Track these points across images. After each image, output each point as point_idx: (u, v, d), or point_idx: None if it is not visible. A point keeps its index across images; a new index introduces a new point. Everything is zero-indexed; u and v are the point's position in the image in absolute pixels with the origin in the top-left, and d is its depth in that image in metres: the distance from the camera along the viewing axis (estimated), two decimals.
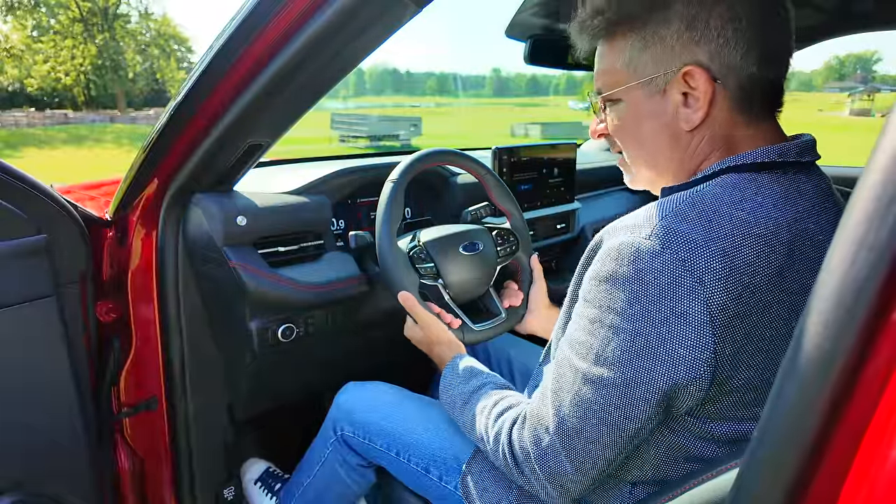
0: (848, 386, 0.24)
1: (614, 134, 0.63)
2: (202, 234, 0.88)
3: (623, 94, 0.58)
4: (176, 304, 0.95)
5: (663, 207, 0.50)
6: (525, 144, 1.36)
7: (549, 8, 1.05)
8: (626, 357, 0.48)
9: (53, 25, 25.90)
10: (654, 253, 0.47)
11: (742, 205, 0.48)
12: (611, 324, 0.49)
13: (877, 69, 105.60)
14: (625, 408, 0.49)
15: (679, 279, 0.46)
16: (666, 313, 0.46)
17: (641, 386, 0.48)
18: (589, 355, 0.51)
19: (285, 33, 0.60)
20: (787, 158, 0.52)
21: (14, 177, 0.77)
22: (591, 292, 0.52)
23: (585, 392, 0.51)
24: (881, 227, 0.23)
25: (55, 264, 0.82)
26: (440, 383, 0.77)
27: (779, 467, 0.27)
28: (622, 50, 0.56)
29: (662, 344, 0.46)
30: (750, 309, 0.46)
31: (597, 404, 0.50)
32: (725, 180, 0.51)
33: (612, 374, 0.49)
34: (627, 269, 0.48)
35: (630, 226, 0.51)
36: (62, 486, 0.86)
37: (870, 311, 0.23)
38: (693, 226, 0.47)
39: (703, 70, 0.52)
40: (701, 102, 0.53)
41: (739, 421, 0.50)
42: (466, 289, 0.93)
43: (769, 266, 0.47)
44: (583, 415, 0.51)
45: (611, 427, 0.50)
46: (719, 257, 0.46)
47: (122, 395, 1.02)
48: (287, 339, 0.95)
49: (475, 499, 0.71)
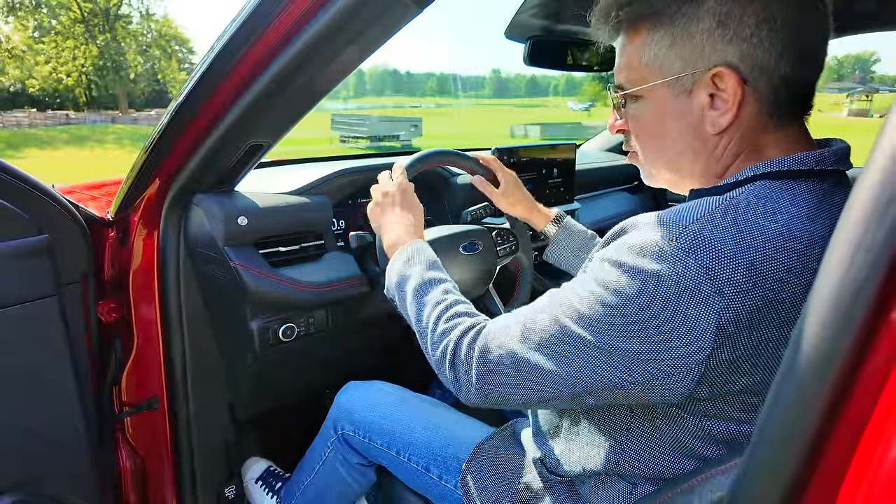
0: (846, 386, 0.24)
1: (634, 132, 0.61)
2: (203, 234, 0.89)
3: (646, 91, 0.56)
4: (177, 304, 0.95)
5: (694, 211, 0.48)
6: (525, 145, 1.36)
7: (548, 9, 1.05)
8: (612, 333, 0.48)
9: (55, 26, 25.92)
10: (677, 257, 0.45)
11: (776, 216, 0.46)
12: (610, 303, 0.48)
13: (875, 69, 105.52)
14: (587, 368, 0.50)
15: (699, 286, 0.44)
16: (674, 312, 0.45)
17: (624, 364, 0.48)
18: (578, 320, 0.51)
19: (286, 34, 0.60)
20: (826, 167, 0.49)
21: (16, 177, 0.77)
22: (600, 272, 0.50)
23: (556, 340, 0.52)
24: (879, 228, 0.23)
25: (57, 264, 0.82)
26: (394, 256, 0.75)
27: (777, 467, 0.27)
28: (647, 45, 0.54)
29: (661, 337, 0.46)
30: (766, 324, 0.45)
31: (562, 353, 0.51)
32: (759, 188, 0.49)
33: (591, 338, 0.49)
34: (648, 267, 0.46)
35: (657, 224, 0.48)
36: (64, 485, 0.86)
37: (868, 311, 0.23)
38: (724, 234, 0.45)
39: (733, 71, 0.50)
40: (729, 105, 0.51)
41: (739, 422, 0.50)
42: (466, 288, 0.93)
43: (799, 282, 0.45)
44: (544, 353, 0.52)
45: (562, 378, 0.51)
46: (745, 270, 0.44)
47: (123, 394, 1.02)
48: (288, 338, 0.95)
49: (475, 498, 0.71)
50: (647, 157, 0.61)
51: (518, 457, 0.74)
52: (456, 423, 0.84)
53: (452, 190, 1.24)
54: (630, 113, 0.59)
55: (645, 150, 0.60)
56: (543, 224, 0.96)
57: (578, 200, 1.51)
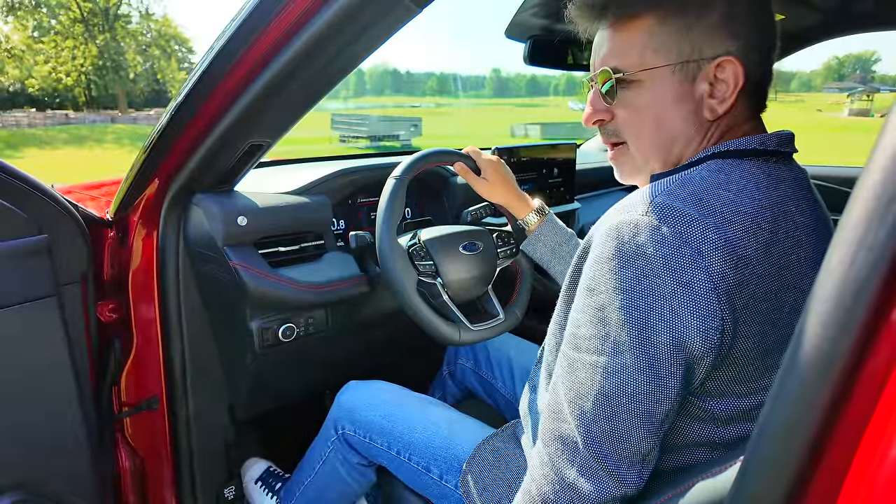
0: (847, 385, 0.24)
1: (626, 120, 0.60)
2: (203, 234, 0.89)
3: (648, 76, 0.56)
4: (177, 304, 0.95)
5: (655, 188, 0.51)
6: (525, 145, 1.36)
7: (548, 8, 1.05)
8: (644, 335, 0.47)
9: (54, 26, 25.93)
10: (652, 227, 0.47)
11: (728, 186, 0.50)
12: (621, 305, 0.48)
13: (876, 69, 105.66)
14: (654, 390, 0.47)
15: (679, 250, 0.46)
16: (672, 285, 0.46)
17: (665, 362, 0.47)
18: (605, 345, 0.49)
19: (286, 34, 0.60)
20: (768, 147, 0.53)
21: (15, 177, 0.77)
22: (594, 278, 0.50)
23: (609, 385, 0.48)
24: (880, 227, 0.23)
25: (56, 264, 0.82)
26: None
27: (779, 466, 0.27)
28: (652, 29, 0.55)
29: (675, 316, 0.46)
30: (746, 279, 0.47)
31: (624, 395, 0.48)
32: (711, 165, 0.53)
33: (634, 357, 0.47)
34: (629, 245, 0.48)
35: (623, 208, 0.51)
36: (63, 485, 0.86)
37: (869, 311, 0.23)
38: (685, 203, 0.48)
39: (737, 62, 0.53)
40: (729, 93, 0.54)
41: (738, 396, 0.51)
42: (465, 287, 0.93)
43: (757, 241, 0.48)
44: (611, 413, 0.48)
45: (642, 417, 0.48)
46: (714, 230, 0.47)
47: (122, 394, 1.02)
48: (287, 338, 0.95)
49: (475, 498, 0.71)
50: (639, 147, 0.60)
51: (519, 457, 0.74)
52: (456, 422, 0.84)
53: (452, 190, 1.24)
54: (624, 100, 0.59)
55: (638, 139, 0.60)
56: (524, 213, 0.95)
57: (578, 200, 1.51)
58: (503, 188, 0.95)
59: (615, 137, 0.63)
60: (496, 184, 0.95)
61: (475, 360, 1.11)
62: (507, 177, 0.97)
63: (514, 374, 1.04)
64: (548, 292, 1.38)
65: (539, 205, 0.96)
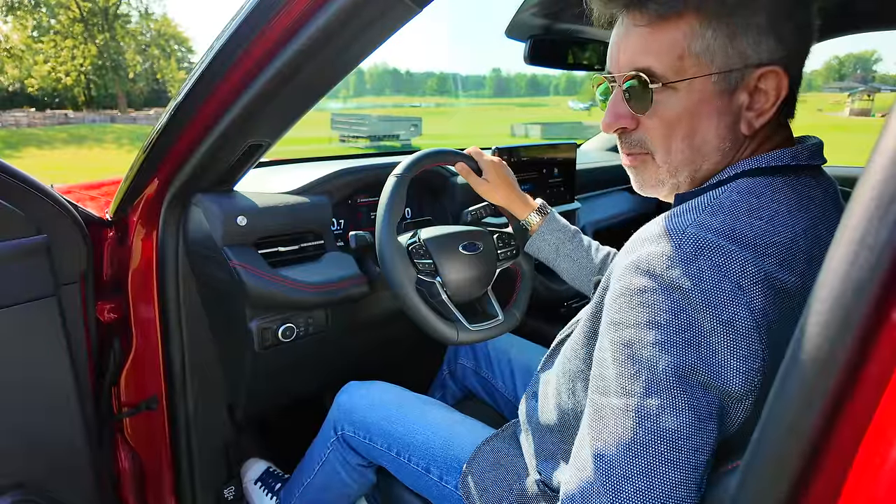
0: (848, 385, 0.24)
1: (654, 128, 0.53)
2: (202, 234, 0.88)
3: (687, 83, 0.50)
4: (176, 304, 0.95)
5: (683, 217, 0.47)
6: (525, 144, 1.36)
7: (548, 8, 1.05)
8: (683, 373, 0.42)
9: (54, 25, 25.93)
10: (687, 260, 0.43)
11: (760, 213, 0.46)
12: (654, 340, 0.43)
13: (876, 69, 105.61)
14: (694, 434, 0.41)
15: (719, 284, 0.42)
16: (713, 323, 0.42)
17: (705, 404, 0.42)
18: (635, 385, 0.43)
19: (286, 34, 0.60)
20: (800, 162, 0.50)
21: (14, 177, 0.77)
22: (621, 311, 0.45)
23: (642, 431, 0.42)
24: (881, 227, 0.23)
25: (55, 264, 0.82)
26: None
27: (780, 466, 0.27)
28: (695, 31, 0.49)
29: (714, 355, 0.42)
30: (784, 315, 0.44)
31: (662, 441, 0.41)
32: (741, 185, 0.49)
33: (671, 396, 0.42)
34: (662, 279, 0.44)
35: (650, 237, 0.47)
36: (62, 485, 0.86)
37: (869, 310, 0.23)
38: (718, 235, 0.45)
39: (782, 71, 0.48)
40: (769, 105, 0.49)
41: None
42: (464, 287, 0.93)
43: (792, 273, 0.45)
44: (645, 468, 0.42)
45: (681, 469, 0.41)
46: (752, 262, 0.43)
47: (122, 394, 1.02)
48: (287, 339, 0.95)
49: (475, 498, 0.71)
50: (668, 161, 0.54)
51: (519, 458, 0.74)
52: (456, 423, 0.84)
53: (452, 190, 1.24)
54: (658, 106, 0.52)
55: (668, 153, 0.54)
56: (525, 213, 0.94)
57: (579, 200, 1.51)
58: (504, 189, 0.95)
59: (639, 148, 0.56)
60: (497, 185, 0.95)
61: (475, 360, 1.11)
62: (509, 178, 0.97)
63: (514, 374, 1.04)
64: (551, 294, 1.38)
65: (541, 204, 0.96)
